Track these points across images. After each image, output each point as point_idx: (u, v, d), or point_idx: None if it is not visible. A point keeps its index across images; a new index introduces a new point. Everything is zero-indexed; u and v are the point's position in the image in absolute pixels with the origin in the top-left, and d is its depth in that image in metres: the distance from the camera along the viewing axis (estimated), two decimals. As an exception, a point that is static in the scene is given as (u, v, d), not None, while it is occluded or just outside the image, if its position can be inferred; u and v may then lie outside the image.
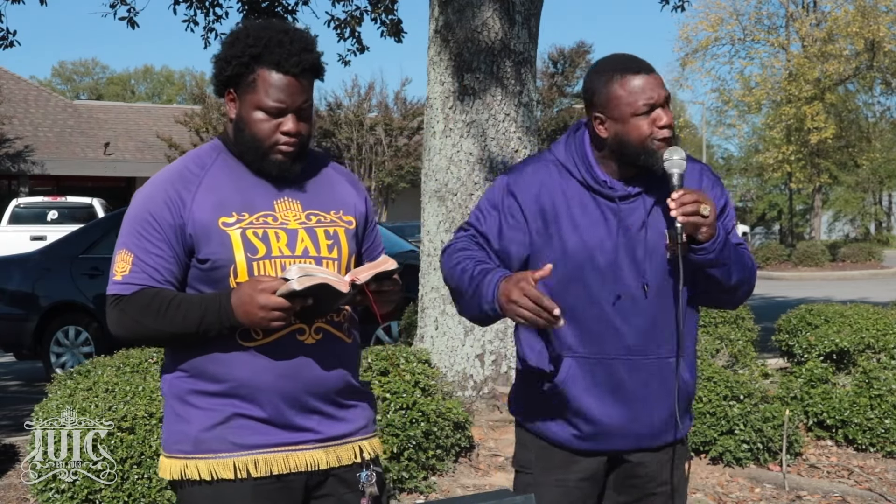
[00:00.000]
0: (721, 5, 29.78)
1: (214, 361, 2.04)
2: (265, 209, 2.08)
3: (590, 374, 2.22)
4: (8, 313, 8.77)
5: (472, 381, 5.54)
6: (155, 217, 2.05)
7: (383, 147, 24.96)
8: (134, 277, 2.04)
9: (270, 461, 2.05)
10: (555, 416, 2.28)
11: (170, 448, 2.10)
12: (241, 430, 2.04)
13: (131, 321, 2.03)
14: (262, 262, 2.04)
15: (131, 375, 4.55)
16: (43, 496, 3.91)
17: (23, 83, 27.89)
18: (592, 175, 2.23)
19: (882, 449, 5.45)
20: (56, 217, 16.48)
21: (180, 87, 61.13)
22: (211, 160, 2.12)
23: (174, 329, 2.01)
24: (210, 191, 2.07)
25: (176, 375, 2.10)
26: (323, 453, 2.10)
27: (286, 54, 2.02)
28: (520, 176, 2.28)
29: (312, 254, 2.08)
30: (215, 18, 9.45)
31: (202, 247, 2.04)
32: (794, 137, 29.66)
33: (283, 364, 2.04)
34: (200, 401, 2.06)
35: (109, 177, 25.14)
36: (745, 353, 5.81)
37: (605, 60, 2.26)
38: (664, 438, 2.32)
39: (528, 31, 5.75)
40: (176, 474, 2.08)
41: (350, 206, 2.21)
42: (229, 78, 2.07)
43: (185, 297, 2.03)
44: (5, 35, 8.67)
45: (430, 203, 5.76)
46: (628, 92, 2.16)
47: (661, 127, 2.17)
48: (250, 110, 2.05)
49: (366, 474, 2.14)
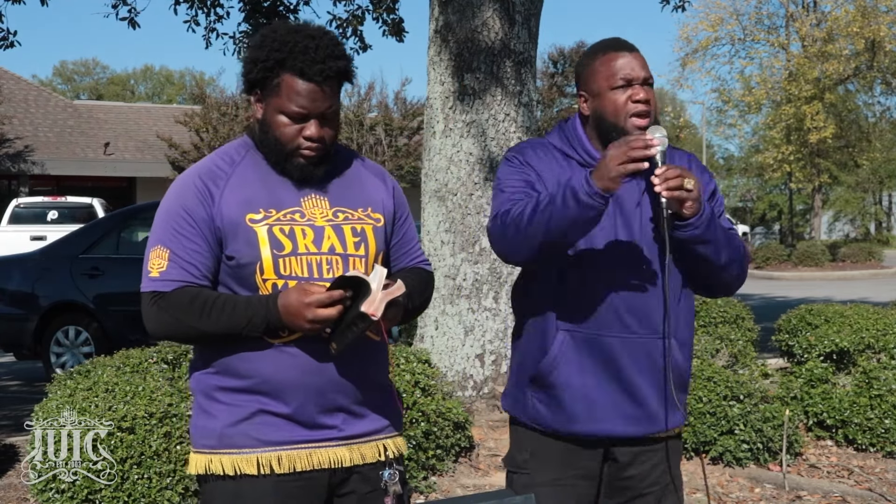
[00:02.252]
0: (721, 5, 29.78)
1: (241, 357, 2.05)
2: (292, 206, 2.09)
3: (585, 350, 2.24)
4: (8, 313, 8.77)
5: (472, 381, 5.54)
6: (189, 212, 2.06)
7: (383, 147, 24.95)
8: (172, 273, 2.04)
9: (294, 458, 2.06)
10: (548, 398, 2.28)
11: (196, 443, 2.12)
12: (265, 426, 2.05)
13: (172, 319, 2.03)
14: (289, 258, 2.04)
15: (131, 375, 4.55)
16: (43, 496, 3.91)
17: (23, 83, 27.89)
18: (588, 153, 2.28)
19: (882, 449, 5.45)
20: (56, 217, 16.47)
21: (180, 87, 61.14)
22: (240, 157, 2.14)
23: (217, 330, 2.01)
24: (238, 187, 2.08)
25: (203, 371, 2.11)
26: (346, 451, 2.10)
27: (310, 61, 2.02)
28: (528, 153, 2.31)
29: (339, 251, 2.09)
30: (216, 19, 9.45)
31: (229, 243, 2.05)
32: (794, 137, 29.65)
33: (310, 361, 2.05)
34: (226, 397, 2.07)
35: (109, 177, 25.12)
36: (745, 353, 5.82)
37: (595, 43, 2.34)
38: (658, 424, 2.29)
39: (528, 31, 5.75)
40: (201, 469, 2.09)
41: (378, 203, 2.21)
42: (255, 80, 2.08)
43: (229, 297, 2.03)
44: (6, 35, 8.66)
45: (430, 203, 5.76)
46: (606, 67, 2.24)
47: (635, 101, 2.21)
48: (274, 114, 2.06)
49: (389, 473, 2.14)
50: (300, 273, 2.04)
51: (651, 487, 2.34)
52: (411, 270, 2.25)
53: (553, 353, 2.24)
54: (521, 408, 2.34)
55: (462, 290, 5.59)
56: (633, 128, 2.20)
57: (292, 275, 2.04)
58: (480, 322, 5.56)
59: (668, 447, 2.36)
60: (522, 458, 2.34)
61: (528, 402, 2.32)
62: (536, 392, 2.30)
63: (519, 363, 2.37)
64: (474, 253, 5.59)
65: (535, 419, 2.31)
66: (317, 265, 2.06)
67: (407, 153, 24.86)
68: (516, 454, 2.38)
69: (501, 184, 2.28)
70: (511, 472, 2.39)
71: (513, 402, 2.39)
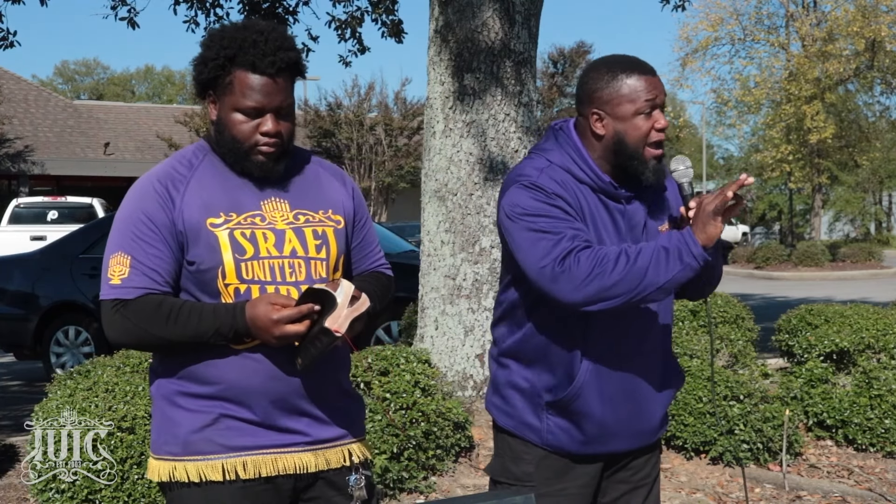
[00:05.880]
0: (721, 5, 29.77)
1: (205, 364, 2.03)
2: (253, 209, 2.06)
3: (606, 376, 2.21)
4: (8, 313, 8.78)
5: (472, 381, 5.54)
6: (149, 217, 2.02)
7: (383, 147, 24.96)
8: (134, 280, 2.00)
9: (259, 463, 2.04)
10: (567, 424, 2.24)
11: (158, 450, 2.09)
12: (229, 431, 2.03)
13: (135, 327, 1.99)
14: (251, 262, 2.01)
15: (131, 375, 4.55)
16: (43, 496, 3.91)
17: (23, 83, 27.89)
18: (598, 176, 2.20)
19: (882, 449, 5.45)
20: (56, 217, 16.47)
21: (180, 87, 61.14)
22: (198, 160, 2.10)
23: (182, 338, 1.98)
24: (198, 191, 2.04)
25: (164, 377, 2.08)
26: (311, 456, 2.09)
27: (261, 54, 1.99)
28: (546, 178, 2.17)
29: (300, 254, 2.06)
30: (216, 19, 9.45)
31: (190, 248, 2.01)
32: (794, 137, 29.65)
33: (274, 367, 2.03)
34: (189, 402, 2.04)
35: (109, 177, 25.12)
36: (745, 353, 5.82)
37: (610, 59, 2.24)
38: (659, 433, 2.37)
39: (528, 31, 5.75)
40: (165, 476, 2.06)
41: (338, 205, 2.18)
42: (207, 80, 2.05)
43: (195, 306, 2.00)
44: (6, 35, 8.66)
45: (430, 203, 5.76)
46: (633, 90, 2.15)
47: (658, 129, 2.16)
48: (229, 112, 2.03)
49: (354, 478, 2.13)
50: (263, 277, 2.02)
51: (644, 480, 2.38)
52: (372, 275, 2.24)
53: (579, 383, 2.20)
54: (529, 430, 2.28)
55: (462, 290, 5.59)
56: (651, 157, 2.16)
57: (255, 279, 2.01)
58: (480, 322, 5.55)
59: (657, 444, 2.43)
60: (523, 471, 2.29)
61: (543, 426, 2.25)
62: (554, 416, 2.25)
63: (530, 385, 2.27)
64: (474, 253, 5.59)
65: (548, 442, 2.27)
66: (279, 269, 2.03)
67: (407, 153, 24.87)
68: (513, 466, 2.31)
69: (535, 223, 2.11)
70: (506, 484, 2.31)
71: (517, 424, 2.30)
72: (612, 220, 2.20)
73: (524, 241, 2.12)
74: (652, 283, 2.02)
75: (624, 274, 2.02)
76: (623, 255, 2.04)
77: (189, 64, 2.11)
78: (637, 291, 2.03)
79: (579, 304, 2.06)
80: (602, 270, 2.02)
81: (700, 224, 2.02)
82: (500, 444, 2.37)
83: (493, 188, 5.56)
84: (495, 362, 2.36)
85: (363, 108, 25.45)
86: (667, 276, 2.02)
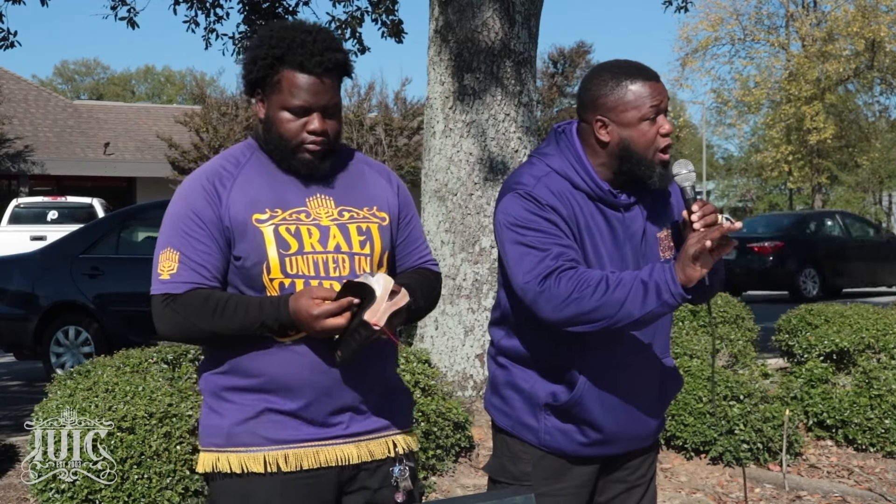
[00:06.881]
0: (721, 5, 29.81)
1: (250, 357, 2.06)
2: (298, 206, 2.10)
3: (608, 384, 2.22)
4: (8, 313, 8.77)
5: (472, 381, 5.54)
6: (197, 213, 2.06)
7: (383, 147, 24.95)
8: (183, 275, 2.05)
9: (301, 456, 2.06)
10: (565, 427, 2.25)
11: (204, 441, 2.13)
12: (271, 424, 2.06)
13: (184, 321, 2.03)
14: (295, 257, 2.05)
15: (131, 375, 4.55)
16: (43, 496, 3.91)
17: (23, 83, 27.89)
18: (597, 184, 2.19)
19: (882, 449, 5.45)
20: (56, 217, 16.46)
21: (180, 87, 61.11)
22: (245, 158, 2.15)
23: (229, 331, 2.02)
24: (244, 188, 2.09)
25: (212, 372, 2.13)
26: (354, 448, 2.11)
27: (308, 54, 2.04)
28: (542, 189, 2.16)
29: (344, 250, 2.09)
30: (216, 19, 9.47)
31: (237, 243, 2.06)
32: (794, 137, 29.66)
33: (318, 359, 2.05)
34: (234, 396, 2.08)
35: (109, 177, 25.12)
36: (745, 353, 5.82)
37: (613, 65, 2.22)
38: (656, 435, 2.39)
39: (528, 31, 5.75)
40: (208, 467, 2.10)
41: (383, 202, 2.21)
42: (256, 80, 2.10)
43: (241, 299, 2.04)
44: (6, 35, 8.67)
45: (430, 203, 5.76)
46: (638, 96, 2.14)
47: (664, 134, 2.16)
48: (277, 110, 2.08)
49: (399, 469, 2.14)
50: (307, 272, 2.05)
51: (640, 480, 2.39)
52: (417, 271, 2.25)
53: (580, 391, 2.20)
54: (527, 430, 2.29)
55: (462, 290, 5.59)
56: (660, 162, 2.16)
57: (299, 273, 2.05)
58: (480, 322, 5.56)
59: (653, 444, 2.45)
60: (521, 471, 2.30)
61: (541, 427, 2.27)
62: (551, 418, 2.26)
63: (529, 386, 2.28)
64: (474, 253, 5.59)
65: (545, 443, 2.28)
66: (323, 264, 2.07)
67: (407, 153, 24.86)
68: (510, 466, 2.33)
69: (524, 236, 2.12)
70: (504, 483, 2.33)
71: (515, 424, 2.31)
72: (610, 228, 2.19)
73: (512, 253, 2.14)
74: (628, 316, 2.03)
75: (601, 302, 2.03)
76: (603, 283, 2.04)
77: (236, 63, 2.15)
78: (614, 321, 2.04)
79: (558, 324, 2.08)
80: (581, 296, 2.03)
81: (681, 264, 2.02)
82: (499, 444, 2.38)
83: (493, 188, 5.57)
84: (494, 362, 2.37)
85: (363, 108, 25.44)
86: (643, 310, 2.02)
